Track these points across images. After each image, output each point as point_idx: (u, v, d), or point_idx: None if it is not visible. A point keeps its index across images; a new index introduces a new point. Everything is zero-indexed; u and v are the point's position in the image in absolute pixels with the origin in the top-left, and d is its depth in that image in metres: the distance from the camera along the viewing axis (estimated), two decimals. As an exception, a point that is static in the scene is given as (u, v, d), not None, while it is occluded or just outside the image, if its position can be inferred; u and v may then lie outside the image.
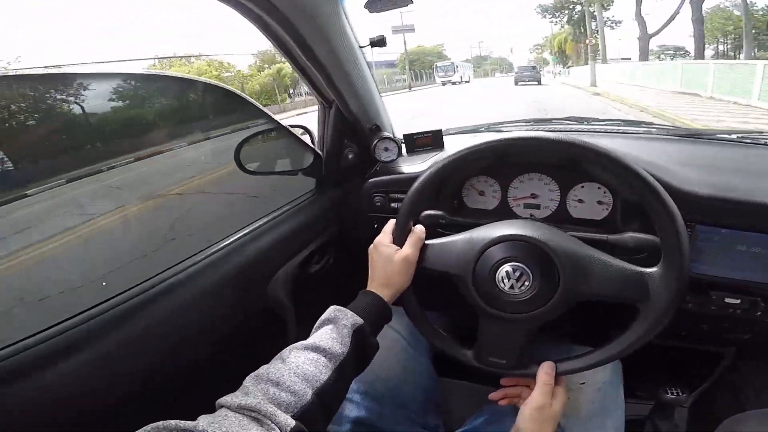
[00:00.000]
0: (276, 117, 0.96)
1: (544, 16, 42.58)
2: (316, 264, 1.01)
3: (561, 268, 0.58)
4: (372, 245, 0.68)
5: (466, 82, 33.99)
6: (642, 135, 1.12)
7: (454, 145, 1.09)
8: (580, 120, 1.29)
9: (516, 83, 22.89)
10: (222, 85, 0.94)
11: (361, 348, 0.56)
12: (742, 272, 0.77)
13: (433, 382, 0.84)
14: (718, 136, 1.07)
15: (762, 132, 1.09)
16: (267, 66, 21.11)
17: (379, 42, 0.94)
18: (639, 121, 1.27)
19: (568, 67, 38.26)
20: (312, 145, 1.04)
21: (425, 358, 0.83)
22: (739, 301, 0.79)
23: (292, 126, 1.04)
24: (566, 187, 0.88)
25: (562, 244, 0.60)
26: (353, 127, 1.03)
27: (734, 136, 1.06)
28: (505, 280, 0.59)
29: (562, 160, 0.78)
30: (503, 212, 0.95)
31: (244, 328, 0.82)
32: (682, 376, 1.01)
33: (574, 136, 0.60)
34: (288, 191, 1.06)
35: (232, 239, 0.83)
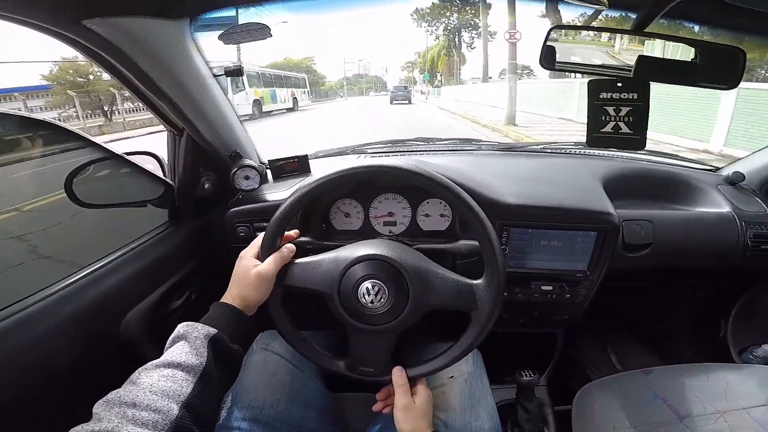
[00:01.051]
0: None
1: (420, 25, 39.86)
2: (176, 300, 0.93)
3: (410, 283, 0.64)
4: (239, 254, 0.67)
5: (289, 109, 18.78)
6: (473, 151, 1.32)
7: (321, 169, 1.12)
8: (426, 140, 1.45)
9: (391, 102, 24.17)
10: (29, 115, 0.79)
11: (223, 357, 0.55)
12: (549, 263, 0.96)
13: (325, 398, 0.84)
14: (528, 148, 1.34)
15: (559, 143, 1.39)
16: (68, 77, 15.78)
17: (235, 71, 0.90)
18: (471, 139, 1.51)
19: (437, 87, 38.58)
20: (160, 176, 0.94)
21: (313, 377, 0.83)
22: (551, 287, 0.98)
23: (134, 153, 0.94)
24: (415, 204, 1.00)
25: (411, 261, 0.66)
26: (209, 155, 0.96)
27: (539, 147, 1.34)
28: (366, 296, 0.64)
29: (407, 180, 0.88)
30: (367, 231, 1.02)
31: (98, 368, 0.74)
32: (533, 360, 1.17)
33: (407, 162, 0.67)
34: (135, 225, 0.94)
35: (75, 278, 0.74)
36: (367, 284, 0.64)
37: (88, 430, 0.40)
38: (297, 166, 1.10)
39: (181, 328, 0.55)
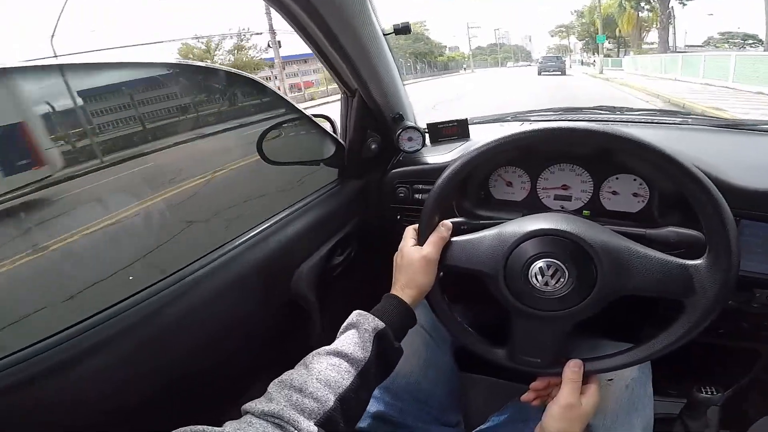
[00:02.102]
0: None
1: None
2: (338, 256, 0.99)
3: (598, 263, 0.55)
4: (397, 251, 0.66)
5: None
6: (680, 125, 1.07)
7: (479, 135, 1.06)
8: (611, 109, 1.24)
9: (539, 73, 22.01)
10: (243, 73, 0.91)
11: (384, 353, 0.55)
12: None
13: (454, 377, 0.82)
14: (761, 126, 1.02)
15: None
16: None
17: (403, 29, 0.90)
18: (675, 110, 1.20)
19: (626, 53, 26.84)
20: (335, 135, 1.01)
21: (447, 354, 0.82)
22: None
23: (314, 116, 1.01)
24: (600, 178, 0.84)
25: (599, 237, 0.56)
26: (376, 117, 0.99)
27: None
28: (539, 277, 0.56)
29: (596, 150, 0.74)
30: (532, 204, 0.91)
31: (269, 322, 0.81)
32: (716, 375, 0.98)
33: (610, 127, 0.56)
34: (311, 182, 1.04)
35: (254, 232, 0.81)
36: (541, 263, 0.56)
37: (259, 409, 0.43)
38: (457, 130, 1.06)
39: (354, 316, 0.57)
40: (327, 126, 1.04)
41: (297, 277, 0.84)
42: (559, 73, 21.52)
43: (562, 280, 0.56)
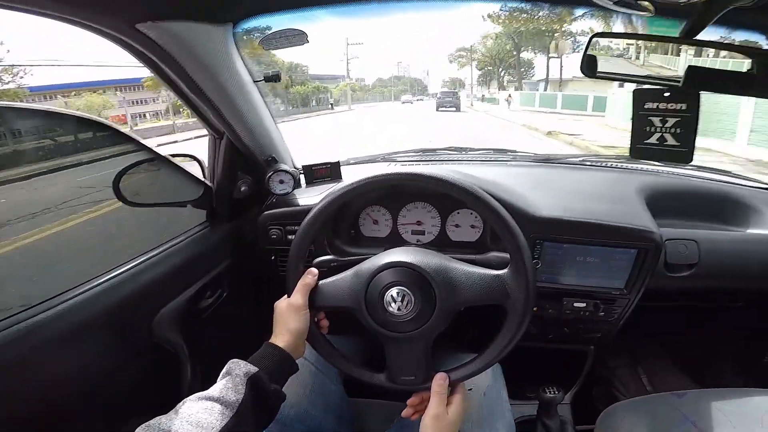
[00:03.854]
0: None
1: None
2: (208, 299, 0.96)
3: (434, 284, 0.63)
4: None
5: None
6: (508, 162, 1.29)
7: (351, 176, 1.13)
8: (459, 150, 1.42)
9: (437, 109, 19.98)
10: (89, 116, 0.85)
11: (261, 395, 0.56)
12: (583, 279, 0.92)
13: (344, 403, 0.85)
14: (567, 160, 1.29)
15: (599, 155, 1.34)
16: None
17: (274, 77, 0.93)
18: (506, 149, 1.45)
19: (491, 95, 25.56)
20: (203, 175, 0.99)
21: (336, 382, 0.85)
22: (585, 304, 0.94)
23: (178, 155, 0.98)
24: (445, 213, 0.99)
25: (432, 262, 0.65)
26: (247, 159, 1.00)
27: (578, 159, 1.29)
28: (393, 304, 0.64)
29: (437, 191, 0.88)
30: (394, 239, 1.02)
31: (131, 368, 0.77)
32: (558, 376, 1.13)
33: (439, 171, 0.67)
34: (178, 223, 0.99)
35: (110, 275, 0.77)
36: (392, 292, 0.64)
37: None
38: (329, 171, 1.12)
39: (228, 365, 0.58)
40: (195, 166, 1.01)
41: (158, 321, 0.82)
42: (454, 109, 19.69)
43: (410, 304, 0.63)
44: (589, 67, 0.67)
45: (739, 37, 0.68)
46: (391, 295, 0.63)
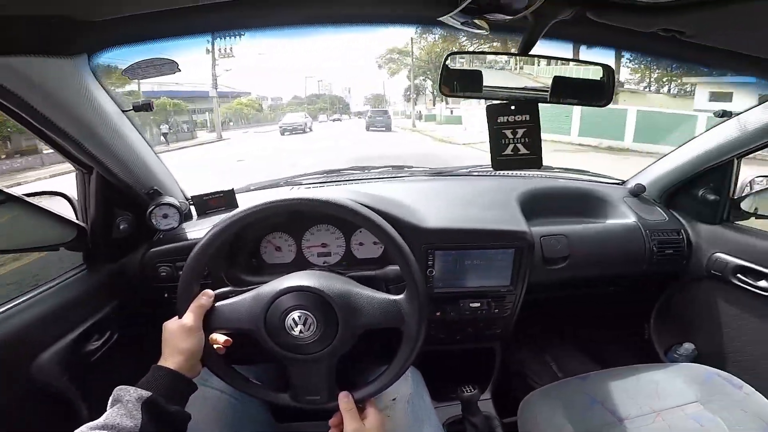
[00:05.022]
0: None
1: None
2: (96, 341, 0.89)
3: (337, 308, 0.65)
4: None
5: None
6: (405, 178, 1.37)
7: (249, 203, 1.09)
8: (361, 169, 1.47)
9: (368, 129, 17.81)
10: None
11: (162, 419, 0.56)
12: (474, 281, 0.99)
13: (273, 429, 0.85)
14: (456, 171, 1.40)
15: (485, 165, 1.43)
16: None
17: (144, 106, 0.87)
18: (404, 166, 1.53)
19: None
20: (71, 217, 0.89)
21: (260, 409, 0.84)
22: (479, 303, 1.01)
23: (42, 193, 0.88)
24: (348, 233, 1.01)
25: (335, 287, 0.67)
26: (124, 194, 0.92)
27: (466, 170, 1.40)
28: (295, 327, 0.64)
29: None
30: (300, 264, 1.01)
31: (13, 417, 0.73)
32: (475, 375, 1.20)
33: (319, 194, 0.68)
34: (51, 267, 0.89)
35: None
36: (294, 315, 0.64)
37: None
38: (223, 201, 1.07)
39: (116, 392, 0.56)
40: (64, 204, 0.91)
41: (38, 365, 0.77)
42: (384, 129, 17.60)
43: (313, 326, 0.64)
44: (447, 85, 0.72)
45: (568, 48, 0.77)
46: (293, 319, 0.64)
